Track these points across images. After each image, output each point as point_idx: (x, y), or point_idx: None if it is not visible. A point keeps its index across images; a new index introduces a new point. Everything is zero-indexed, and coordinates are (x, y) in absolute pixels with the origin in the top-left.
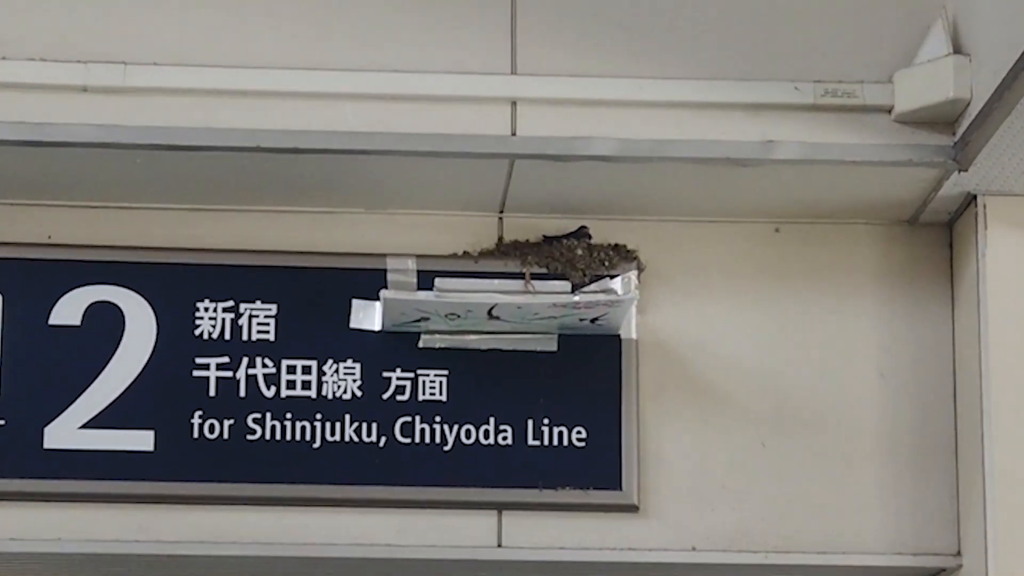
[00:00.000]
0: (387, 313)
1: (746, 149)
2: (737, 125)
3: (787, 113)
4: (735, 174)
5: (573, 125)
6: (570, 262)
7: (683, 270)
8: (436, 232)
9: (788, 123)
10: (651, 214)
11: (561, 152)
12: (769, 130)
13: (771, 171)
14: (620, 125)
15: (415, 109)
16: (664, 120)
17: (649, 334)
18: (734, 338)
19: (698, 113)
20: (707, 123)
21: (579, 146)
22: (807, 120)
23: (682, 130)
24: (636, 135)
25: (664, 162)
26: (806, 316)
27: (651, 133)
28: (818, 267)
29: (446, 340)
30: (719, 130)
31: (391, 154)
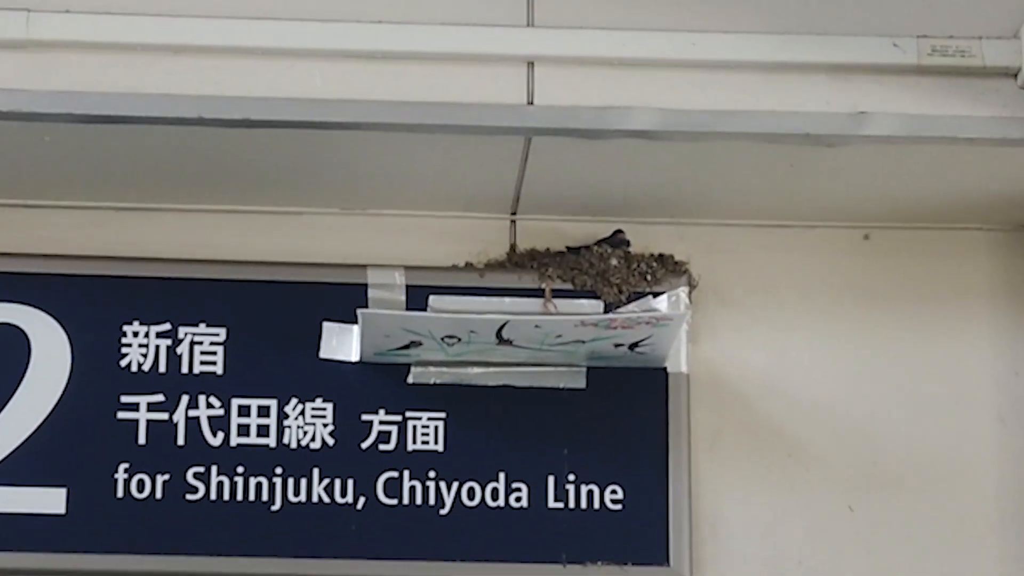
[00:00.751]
0: (367, 338)
1: (830, 123)
2: (819, 93)
3: (883, 78)
4: (815, 158)
5: (605, 92)
6: (602, 276)
7: (746, 287)
8: (430, 238)
9: (885, 90)
10: (705, 215)
11: (590, 125)
12: (860, 99)
13: (862, 154)
14: (665, 92)
15: (401, 71)
16: (722, 86)
17: (703, 367)
18: (812, 373)
19: (767, 77)
20: (778, 90)
21: (613, 118)
22: (909, 86)
23: (746, 99)
24: (686, 104)
25: (722, 140)
26: (904, 346)
27: (705, 102)
28: (920, 284)
29: (443, 374)
30: (794, 99)
31: (370, 128)
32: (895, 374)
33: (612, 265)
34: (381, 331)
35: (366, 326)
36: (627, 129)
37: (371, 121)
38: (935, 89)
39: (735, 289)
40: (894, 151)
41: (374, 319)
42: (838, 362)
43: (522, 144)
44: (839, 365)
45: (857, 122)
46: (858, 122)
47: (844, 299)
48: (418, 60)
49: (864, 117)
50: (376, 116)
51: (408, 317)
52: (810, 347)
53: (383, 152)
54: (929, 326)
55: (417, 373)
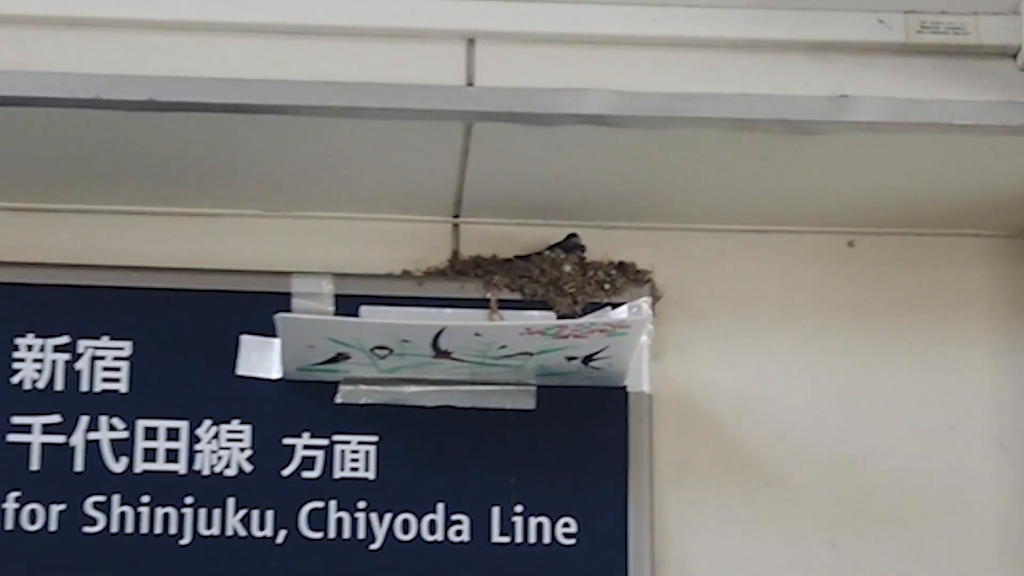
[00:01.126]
0: (288, 349)
1: (809, 107)
2: (796, 74)
3: (868, 57)
4: (792, 148)
5: (555, 72)
6: (555, 284)
7: (717, 299)
8: (363, 242)
9: (869, 72)
10: (670, 218)
11: (537, 109)
12: (842, 81)
13: (844, 143)
14: (622, 72)
15: (325, 48)
16: (687, 66)
17: (668, 387)
18: (791, 395)
19: (737, 56)
20: (751, 71)
21: (563, 101)
22: (896, 67)
23: (713, 80)
24: (645, 86)
25: (686, 126)
26: (894, 365)
27: (667, 84)
28: (911, 297)
29: (375, 393)
30: (769, 81)
31: (290, 112)
32: (884, 396)
33: (565, 272)
34: (303, 341)
35: (286, 334)
36: (579, 113)
37: (291, 103)
38: (925, 70)
39: (704, 301)
40: (880, 140)
41: (295, 325)
42: (820, 382)
43: (462, 132)
44: (821, 386)
45: (838, 106)
46: (839, 106)
47: (826, 313)
48: (343, 35)
49: (846, 101)
50: (296, 98)
51: (333, 323)
52: (788, 365)
53: (307, 143)
54: (922, 343)
55: (346, 392)
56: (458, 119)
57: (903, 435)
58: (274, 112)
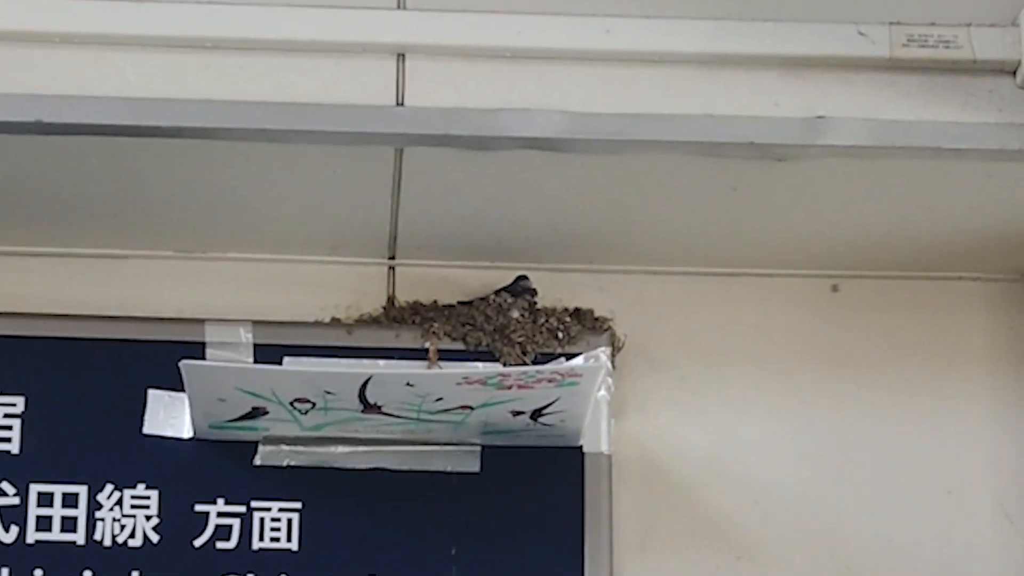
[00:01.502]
0: (197, 403)
1: (781, 130)
2: (766, 92)
3: (847, 74)
4: (763, 177)
5: (495, 90)
6: (501, 332)
7: (684, 350)
8: (286, 287)
9: (849, 90)
10: (631, 260)
11: (476, 132)
12: (818, 101)
13: (821, 170)
14: (571, 91)
15: (237, 64)
16: (644, 84)
17: (631, 448)
18: (768, 456)
19: (701, 73)
20: (716, 89)
21: (505, 123)
22: (879, 85)
23: (674, 100)
24: (597, 106)
25: (644, 151)
26: (884, 424)
27: (622, 104)
28: (901, 347)
29: (298, 454)
30: (736, 100)
31: (198, 135)
32: (872, 457)
33: (513, 319)
34: (213, 392)
35: (193, 385)
36: (524, 136)
37: (200, 126)
38: (912, 88)
39: (670, 352)
40: (862, 168)
41: (202, 375)
42: (800, 442)
43: (392, 158)
44: (802, 446)
45: (814, 129)
46: (815, 129)
47: (808, 365)
48: (257, 50)
49: (823, 123)
50: (207, 119)
51: (245, 371)
52: (765, 423)
53: (221, 173)
54: (915, 398)
55: (265, 453)
56: (388, 143)
57: (894, 501)
58: (182, 136)
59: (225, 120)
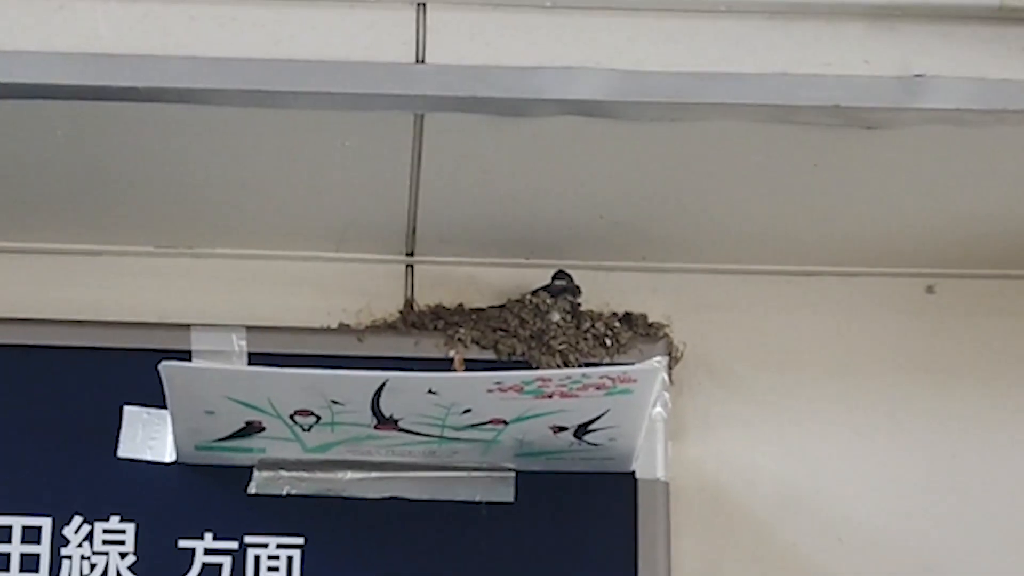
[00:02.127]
0: (180, 417)
1: (871, 91)
2: (853, 47)
3: (948, 27)
4: (850, 149)
5: (532, 46)
6: (539, 339)
7: (752, 361)
8: (286, 287)
9: (951, 45)
10: (690, 255)
11: (508, 94)
12: (915, 57)
13: (919, 140)
14: (622, 46)
15: (225, 16)
16: (708, 38)
17: (690, 474)
18: (850, 482)
19: (775, 25)
20: (793, 44)
21: (544, 83)
22: (988, 38)
23: (744, 56)
24: (652, 64)
25: (709, 115)
26: (986, 443)
27: (682, 61)
28: (1006, 355)
29: (300, 480)
30: (817, 56)
31: (182, 99)
32: (976, 486)
33: (553, 323)
34: (199, 403)
35: (175, 393)
36: (565, 99)
37: (183, 87)
38: None
39: (737, 363)
40: (966, 138)
41: (184, 378)
42: (891, 469)
43: (411, 127)
44: (892, 473)
45: (910, 89)
46: (912, 89)
47: (898, 379)
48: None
49: (920, 83)
50: (191, 79)
51: (235, 375)
52: (849, 446)
53: (209, 146)
54: (1017, 415)
55: (262, 479)
56: (406, 107)
57: (1003, 538)
58: (163, 99)
59: (214, 80)
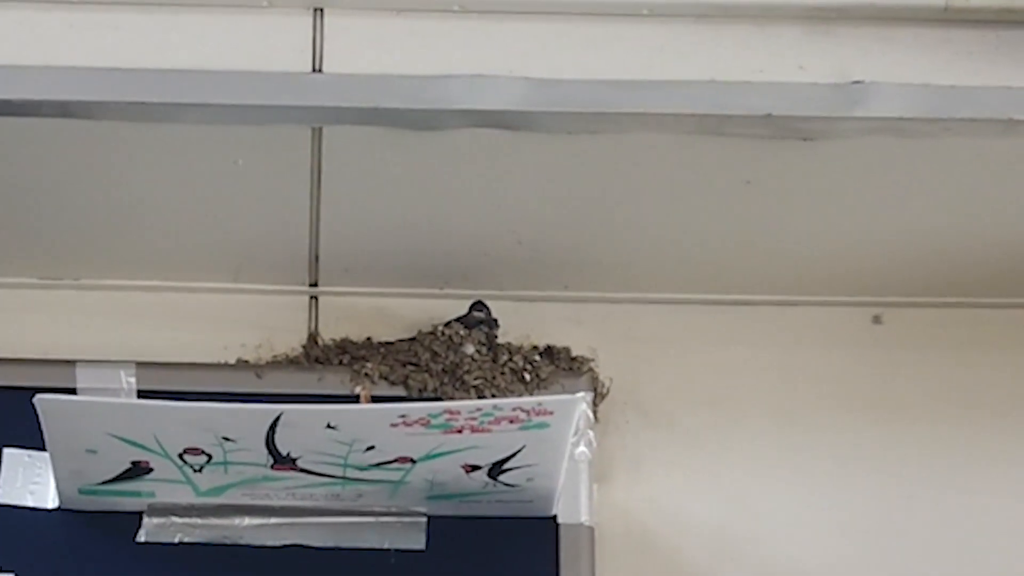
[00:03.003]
0: (60, 456)
1: (807, 99)
2: (787, 52)
3: (892, 29)
4: (784, 163)
5: (441, 53)
6: (453, 374)
7: (687, 398)
8: (179, 321)
9: (893, 49)
10: (617, 284)
11: (415, 104)
12: (854, 62)
13: (861, 153)
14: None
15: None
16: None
17: (618, 519)
18: (796, 531)
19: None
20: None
21: (454, 93)
22: (933, 42)
23: (669, 63)
24: (569, 71)
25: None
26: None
27: (604, 68)
28: (963, 394)
29: (193, 527)
30: (748, 63)
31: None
32: (927, 531)
33: (468, 357)
34: (80, 440)
35: (54, 430)
36: (475, 109)
37: (60, 99)
38: (974, 46)
39: (668, 400)
40: (911, 150)
41: (64, 414)
42: (835, 513)
43: (310, 142)
44: (837, 517)
45: (849, 97)
46: (851, 97)
47: (843, 417)
48: (135, 5)
49: (860, 90)
50: (69, 91)
51: (119, 409)
52: (790, 489)
53: (91, 168)
54: (981, 456)
55: (151, 526)
56: (302, 119)
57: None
58: (39, 113)
59: (95, 92)
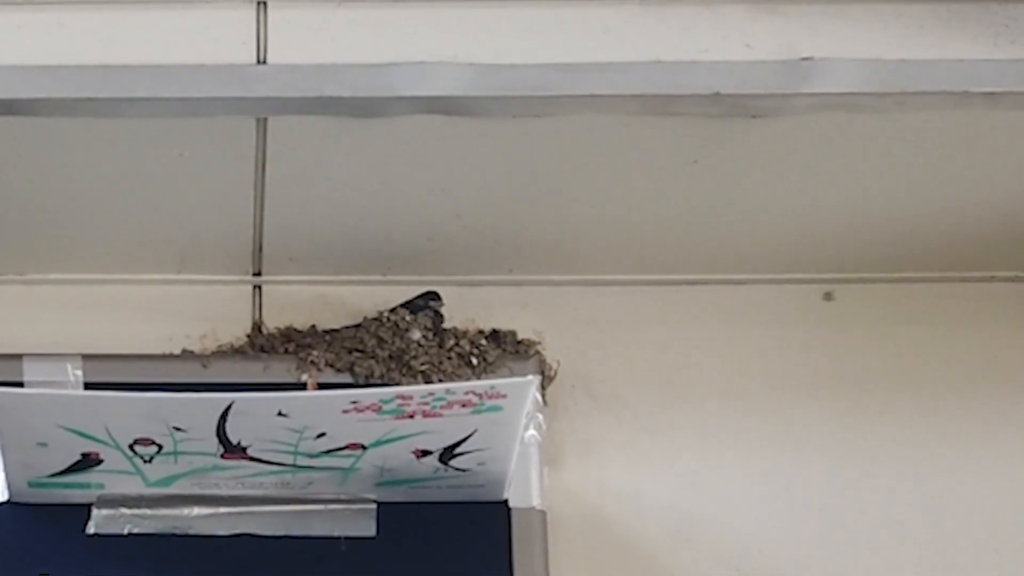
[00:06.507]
0: (9, 449)
1: (755, 76)
2: (736, 31)
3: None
4: (732, 143)
5: (384, 41)
6: (400, 360)
7: (635, 379)
8: (125, 313)
9: (842, 24)
10: (563, 266)
11: (359, 92)
12: (801, 38)
13: (810, 131)
14: (483, 39)
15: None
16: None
17: (569, 503)
18: (752, 512)
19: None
20: (667, 28)
21: (397, 80)
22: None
23: (614, 44)
24: (513, 57)
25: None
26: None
27: (550, 53)
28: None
29: (143, 518)
30: (694, 42)
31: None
32: (887, 509)
33: (414, 342)
34: (31, 433)
35: (4, 424)
36: (418, 96)
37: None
38: (926, 19)
39: (618, 382)
40: (863, 125)
41: (14, 408)
42: (792, 493)
43: (254, 132)
44: (794, 497)
45: (797, 73)
46: (799, 73)
47: (796, 395)
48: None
49: (809, 66)
50: (14, 89)
51: (69, 400)
52: (744, 470)
53: (35, 164)
54: (938, 431)
55: (101, 518)
56: (247, 111)
57: (920, 565)
58: None
59: (41, 89)
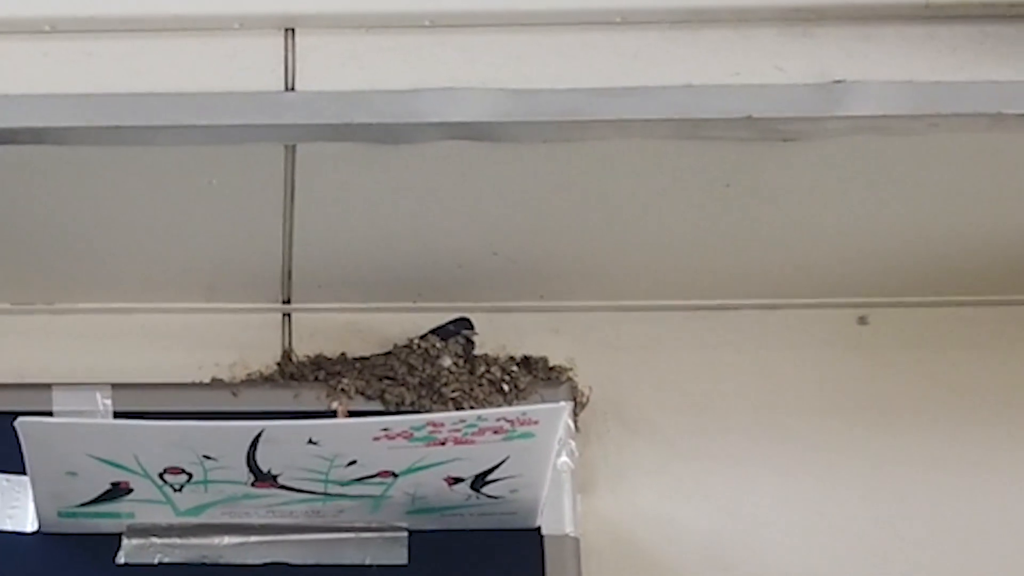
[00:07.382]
0: (40, 480)
1: (787, 100)
2: (768, 54)
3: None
4: (765, 165)
5: (413, 67)
6: (430, 387)
7: (670, 406)
8: (154, 342)
9: (875, 47)
10: (595, 292)
11: (387, 119)
12: (835, 61)
13: (844, 154)
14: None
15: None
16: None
17: (603, 531)
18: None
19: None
20: (700, 53)
21: (425, 106)
22: (916, 39)
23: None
24: (544, 81)
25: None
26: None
27: (580, 77)
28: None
29: (173, 547)
30: (726, 65)
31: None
32: (924, 533)
33: (445, 369)
34: (60, 462)
35: (34, 453)
36: (447, 122)
37: (34, 126)
38: (959, 41)
39: (649, 408)
40: (896, 148)
41: (45, 436)
42: (828, 518)
43: (283, 159)
44: (830, 522)
45: (830, 96)
46: (831, 96)
47: (828, 420)
48: (108, 31)
49: (841, 89)
50: (43, 118)
51: (99, 429)
52: (779, 495)
53: (64, 193)
54: (975, 456)
55: (132, 547)
56: (275, 138)
57: None
58: (15, 141)
59: (70, 118)
